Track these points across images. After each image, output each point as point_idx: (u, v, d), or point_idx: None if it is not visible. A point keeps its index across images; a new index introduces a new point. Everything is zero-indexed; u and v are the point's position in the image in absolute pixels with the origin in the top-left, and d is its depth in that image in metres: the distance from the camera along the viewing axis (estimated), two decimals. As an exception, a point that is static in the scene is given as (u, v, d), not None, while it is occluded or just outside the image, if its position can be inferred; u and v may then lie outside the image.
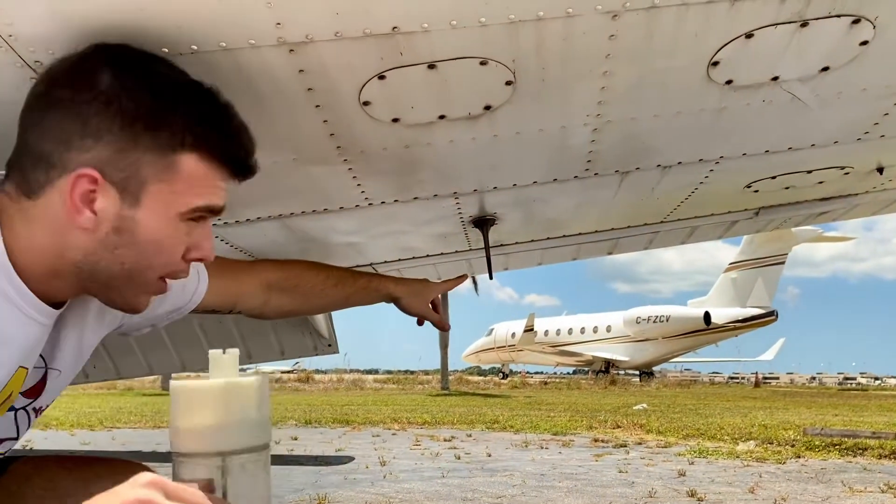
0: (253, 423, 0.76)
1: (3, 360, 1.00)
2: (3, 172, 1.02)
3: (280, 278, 1.56)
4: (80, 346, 1.17)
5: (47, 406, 1.19)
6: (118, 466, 1.24)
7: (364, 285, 1.70)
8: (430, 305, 1.76)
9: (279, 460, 6.91)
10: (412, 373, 45.90)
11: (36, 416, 1.17)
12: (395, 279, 1.77)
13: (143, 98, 0.95)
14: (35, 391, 1.12)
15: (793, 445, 7.88)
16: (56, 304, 1.06)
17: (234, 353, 0.81)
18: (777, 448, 7.75)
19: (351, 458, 7.10)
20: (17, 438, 1.16)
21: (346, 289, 1.66)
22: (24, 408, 1.13)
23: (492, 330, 42.87)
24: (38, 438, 8.73)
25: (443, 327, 1.79)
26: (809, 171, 1.98)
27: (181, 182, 0.99)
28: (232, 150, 1.03)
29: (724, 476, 5.92)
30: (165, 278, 1.06)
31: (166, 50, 1.11)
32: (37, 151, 0.95)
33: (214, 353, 0.80)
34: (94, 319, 1.19)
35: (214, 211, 1.05)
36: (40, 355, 1.10)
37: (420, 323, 1.77)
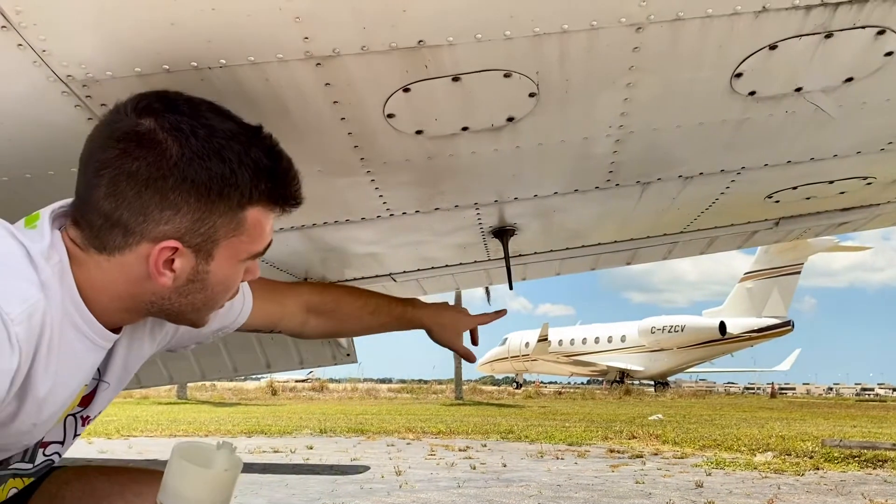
0: (222, 501, 1.04)
1: (74, 385, 1.11)
2: (61, 206, 1.09)
3: (320, 302, 1.61)
4: (131, 361, 1.24)
5: (95, 416, 1.26)
6: (155, 476, 1.27)
7: (399, 315, 1.73)
8: (460, 337, 1.80)
9: (296, 469, 6.93)
10: (426, 382, 45.85)
11: (83, 425, 1.24)
12: (430, 310, 1.78)
13: (212, 165, 1.01)
14: (86, 400, 1.20)
15: (811, 457, 7.80)
16: (117, 328, 1.14)
17: (231, 445, 1.06)
18: (795, 460, 7.69)
19: (367, 468, 7.10)
20: (63, 443, 1.23)
21: (381, 317, 1.71)
22: (73, 414, 1.20)
23: (505, 339, 42.76)
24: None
25: (468, 359, 1.82)
26: (831, 182, 1.97)
27: (248, 234, 1.08)
28: (287, 192, 1.10)
29: (742, 487, 5.88)
30: None
31: (195, 64, 1.13)
32: (112, 217, 1.01)
33: (221, 447, 1.05)
34: (147, 337, 1.26)
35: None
36: (96, 369, 1.17)
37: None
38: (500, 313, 1.92)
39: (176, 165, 0.99)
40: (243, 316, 1.43)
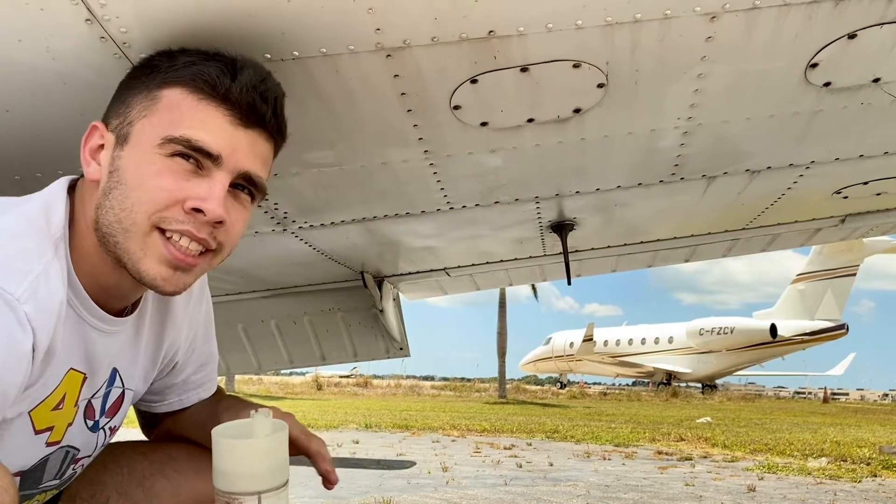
0: (279, 467, 0.98)
1: (62, 365, 1.00)
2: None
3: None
4: (149, 368, 1.19)
5: (119, 426, 1.20)
6: (192, 451, 1.26)
7: None
8: None
9: (343, 463, 6.99)
10: (469, 380, 45.84)
11: (110, 436, 1.19)
12: None
13: (154, 63, 1.01)
14: (113, 410, 1.15)
15: (868, 464, 7.57)
16: (122, 312, 1.08)
17: (267, 412, 1.01)
18: (851, 466, 7.47)
19: (413, 463, 7.13)
20: (91, 456, 1.18)
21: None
22: (103, 428, 1.15)
23: (549, 339, 42.49)
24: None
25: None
26: (904, 177, 1.91)
27: (160, 113, 0.96)
28: (226, 86, 0.96)
29: (796, 493, 5.73)
30: (165, 231, 0.96)
31: (269, 56, 1.15)
32: None
33: (256, 416, 0.99)
34: (154, 356, 1.20)
35: (200, 150, 0.95)
36: (119, 376, 1.12)
37: None
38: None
39: (129, 77, 1.04)
40: (191, 398, 1.31)
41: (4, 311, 0.84)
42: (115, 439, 1.26)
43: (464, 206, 1.84)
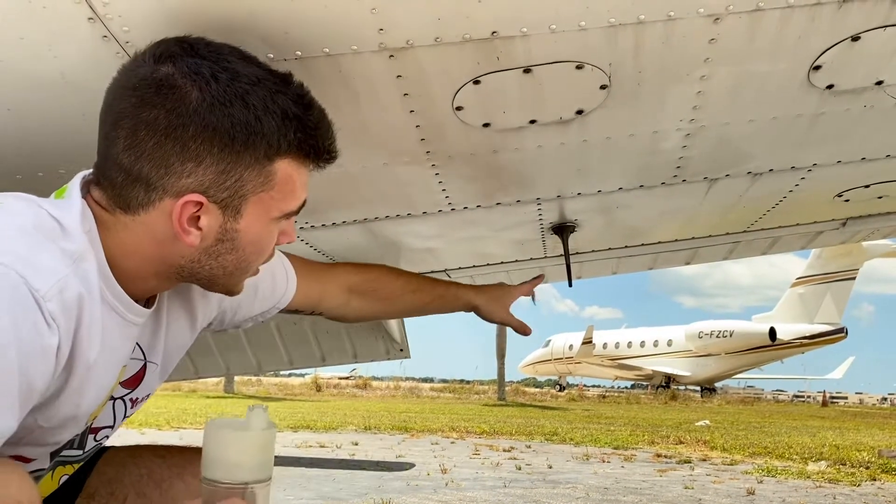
0: (266, 462, 1.02)
1: (111, 366, 1.05)
2: (90, 172, 1.04)
3: (360, 281, 1.56)
4: (177, 341, 1.21)
5: (144, 398, 1.22)
6: None
7: (442, 293, 1.68)
8: (510, 311, 1.74)
9: (342, 464, 6.99)
10: (468, 382, 45.79)
11: (132, 407, 1.21)
12: (474, 288, 1.74)
13: (234, 111, 0.94)
14: (132, 382, 1.16)
15: (867, 467, 7.58)
16: (148, 300, 1.10)
17: (263, 407, 1.04)
18: (850, 469, 7.47)
19: (412, 465, 7.13)
20: (112, 427, 1.20)
21: (423, 296, 1.65)
22: (121, 398, 1.17)
23: (549, 341, 42.48)
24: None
25: (524, 331, 1.75)
26: (906, 180, 1.91)
27: (278, 189, 1.01)
28: (318, 143, 1.03)
29: (795, 496, 5.73)
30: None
31: (272, 56, 1.15)
32: (133, 171, 0.96)
33: (251, 411, 1.03)
34: (188, 317, 1.23)
35: (304, 205, 1.08)
36: (140, 348, 1.14)
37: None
38: (539, 279, 1.84)
39: (196, 112, 0.93)
40: (288, 296, 1.40)
41: (32, 307, 0.86)
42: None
43: (465, 208, 1.84)
